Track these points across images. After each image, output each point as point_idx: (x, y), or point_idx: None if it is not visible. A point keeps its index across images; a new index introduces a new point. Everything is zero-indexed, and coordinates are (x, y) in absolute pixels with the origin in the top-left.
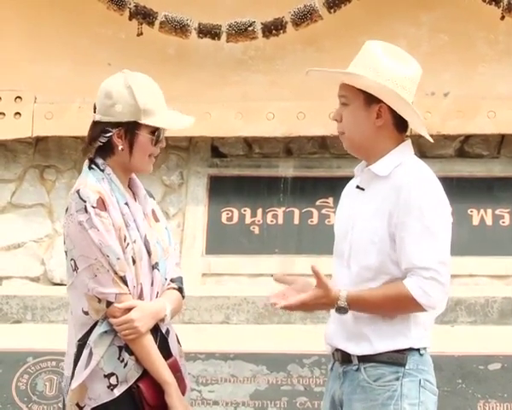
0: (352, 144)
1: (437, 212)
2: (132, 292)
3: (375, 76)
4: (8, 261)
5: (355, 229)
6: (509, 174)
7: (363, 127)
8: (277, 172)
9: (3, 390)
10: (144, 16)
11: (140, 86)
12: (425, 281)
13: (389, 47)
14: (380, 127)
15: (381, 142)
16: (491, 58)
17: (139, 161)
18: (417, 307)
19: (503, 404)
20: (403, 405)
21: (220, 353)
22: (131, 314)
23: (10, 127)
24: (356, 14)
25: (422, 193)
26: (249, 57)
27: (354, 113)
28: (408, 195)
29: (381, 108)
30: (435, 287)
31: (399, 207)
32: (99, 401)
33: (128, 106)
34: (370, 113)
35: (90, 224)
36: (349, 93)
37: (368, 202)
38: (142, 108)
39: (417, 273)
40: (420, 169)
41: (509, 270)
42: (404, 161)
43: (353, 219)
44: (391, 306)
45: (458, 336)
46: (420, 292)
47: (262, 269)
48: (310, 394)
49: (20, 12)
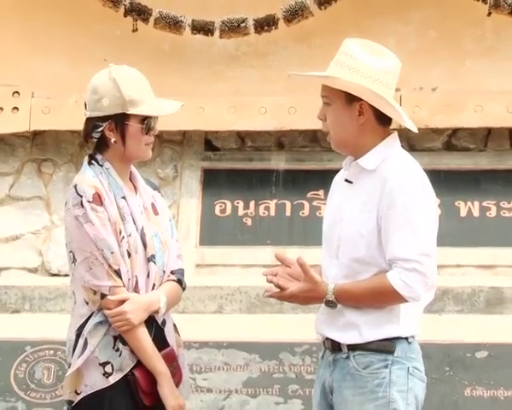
0: (338, 143)
1: (421, 204)
2: (127, 284)
3: (353, 75)
4: (6, 253)
5: (344, 221)
6: (496, 167)
7: (346, 125)
8: (269, 165)
9: (2, 379)
10: (139, 13)
11: (124, 78)
12: (406, 273)
13: (367, 43)
14: (363, 124)
15: (366, 137)
16: (478, 54)
17: (134, 150)
18: (400, 299)
19: (489, 391)
20: (391, 392)
21: (214, 342)
22: (124, 307)
23: (8, 122)
24: (346, 11)
25: (406, 186)
26: (242, 53)
27: (336, 112)
28: (392, 188)
29: (362, 105)
30: (416, 278)
31: (384, 199)
32: (95, 387)
33: (114, 98)
34: (352, 111)
35: (85, 218)
36: (330, 93)
37: (356, 196)
38: (128, 99)
39: (399, 265)
40: (405, 162)
41: (496, 260)
42: (390, 154)
43: (342, 211)
44: (375, 298)
45: (446, 325)
46: (401, 284)
47: (254, 260)
48: (301, 381)
49: (17, 8)
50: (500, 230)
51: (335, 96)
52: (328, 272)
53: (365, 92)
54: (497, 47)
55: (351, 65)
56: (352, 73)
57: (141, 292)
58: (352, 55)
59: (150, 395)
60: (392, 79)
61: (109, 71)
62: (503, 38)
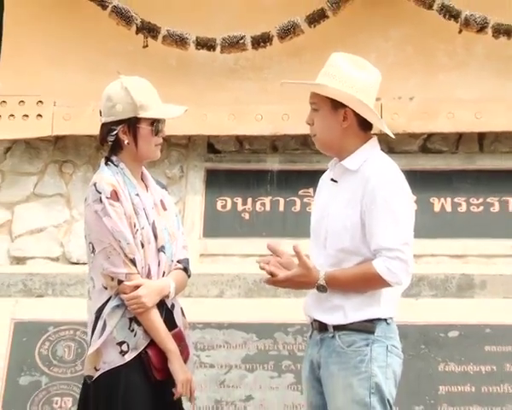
0: (323, 144)
1: (399, 200)
2: (141, 272)
3: (339, 84)
4: (31, 244)
5: (330, 216)
6: (466, 167)
7: (331, 129)
8: (265, 166)
9: (28, 356)
10: (149, 31)
11: (134, 87)
12: (390, 260)
13: (351, 57)
14: (346, 128)
15: (349, 140)
16: (450, 67)
17: (145, 150)
18: (384, 284)
19: (460, 366)
20: (372, 367)
21: (216, 323)
22: (139, 291)
23: (33, 127)
24: (333, 29)
25: (386, 184)
26: (240, 66)
27: (323, 117)
28: (374, 186)
29: (346, 111)
30: (399, 265)
31: (367, 196)
32: (112, 364)
33: (127, 104)
34: (337, 116)
35: (104, 212)
36: (318, 100)
37: (341, 193)
38: (139, 104)
39: (383, 254)
40: (384, 163)
41: (466, 250)
42: (370, 156)
43: (328, 207)
44: (362, 283)
45: (422, 308)
46: (386, 271)
47: (251, 250)
48: (293, 358)
49: (42, 28)
50: (470, 223)
51: (323, 102)
52: (316, 261)
53: (350, 100)
54: (467, 61)
55: (337, 76)
56: (339, 83)
57: (153, 279)
58: (339, 68)
59: (161, 370)
60: (373, 89)
61: (121, 81)
62: (473, 53)
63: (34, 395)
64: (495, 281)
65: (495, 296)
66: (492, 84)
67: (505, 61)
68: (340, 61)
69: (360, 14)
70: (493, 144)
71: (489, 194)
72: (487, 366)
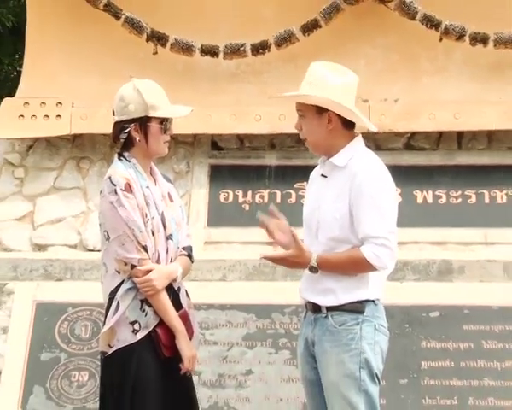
0: (314, 147)
1: (384, 193)
2: (151, 258)
3: (320, 91)
4: (51, 233)
5: (321, 209)
6: (446, 163)
7: (318, 132)
8: (263, 161)
9: (48, 334)
10: (158, 39)
11: (145, 88)
12: (377, 247)
13: (329, 64)
14: (331, 130)
15: (335, 140)
16: (431, 72)
17: (155, 147)
18: (371, 268)
19: (440, 343)
20: (362, 344)
21: (219, 304)
22: (150, 275)
23: (53, 127)
24: (325, 38)
25: (372, 179)
26: (241, 71)
27: (310, 122)
28: (361, 181)
29: (330, 115)
30: (385, 251)
31: (354, 191)
32: (125, 342)
33: (138, 104)
34: (322, 120)
35: (118, 203)
36: (303, 107)
37: (330, 188)
38: (149, 104)
39: (370, 241)
40: (370, 160)
41: (446, 238)
42: (356, 153)
43: (319, 200)
44: (350, 267)
45: (406, 291)
46: (373, 256)
47: (251, 238)
48: (289, 336)
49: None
50: (449, 214)
51: (308, 109)
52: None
53: (331, 104)
54: (447, 66)
55: (318, 84)
56: (320, 90)
57: (162, 264)
58: (318, 76)
59: (169, 347)
60: (352, 91)
61: (133, 83)
62: (452, 59)
63: (54, 369)
64: (472, 266)
65: (472, 280)
66: (470, 87)
67: (481, 66)
68: (319, 69)
69: (350, 24)
70: (470, 142)
71: (466, 187)
72: (465, 343)
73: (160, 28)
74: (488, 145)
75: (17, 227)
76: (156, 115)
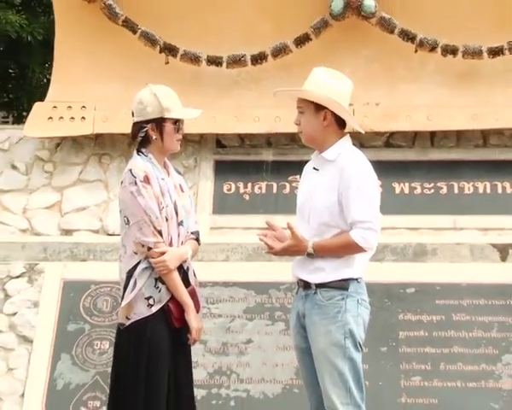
0: (308, 139)
1: (368, 183)
2: (165, 241)
3: (320, 91)
4: (77, 219)
5: (313, 198)
6: (420, 159)
7: (314, 127)
8: (261, 157)
9: (74, 307)
10: (170, 50)
11: (161, 93)
12: (364, 231)
13: (329, 71)
14: (326, 126)
15: (328, 136)
16: (407, 80)
17: (169, 144)
18: (360, 250)
19: (416, 316)
20: (347, 317)
21: (222, 282)
22: (164, 256)
23: (78, 127)
24: (315, 49)
25: (358, 172)
26: (242, 79)
27: (308, 118)
28: (349, 174)
29: (326, 113)
30: (371, 234)
31: (343, 182)
32: (141, 315)
33: (155, 107)
34: (319, 117)
35: (138, 193)
36: (303, 104)
37: (321, 179)
38: (165, 107)
39: (358, 226)
40: (356, 156)
41: (420, 224)
42: (344, 149)
43: (311, 191)
44: (342, 250)
45: (385, 270)
46: (361, 239)
47: (251, 224)
48: (284, 309)
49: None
50: (423, 203)
51: (307, 106)
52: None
53: (329, 102)
54: (422, 75)
55: (318, 84)
56: (320, 90)
57: (174, 247)
58: (319, 79)
59: (179, 320)
60: (347, 94)
61: (150, 88)
62: (426, 68)
63: (79, 339)
64: (443, 249)
65: (443, 261)
66: (441, 93)
67: (451, 74)
68: (320, 73)
69: (337, 37)
70: (442, 141)
71: (438, 180)
72: (437, 315)
73: (172, 41)
74: (457, 143)
75: (47, 215)
76: (170, 117)
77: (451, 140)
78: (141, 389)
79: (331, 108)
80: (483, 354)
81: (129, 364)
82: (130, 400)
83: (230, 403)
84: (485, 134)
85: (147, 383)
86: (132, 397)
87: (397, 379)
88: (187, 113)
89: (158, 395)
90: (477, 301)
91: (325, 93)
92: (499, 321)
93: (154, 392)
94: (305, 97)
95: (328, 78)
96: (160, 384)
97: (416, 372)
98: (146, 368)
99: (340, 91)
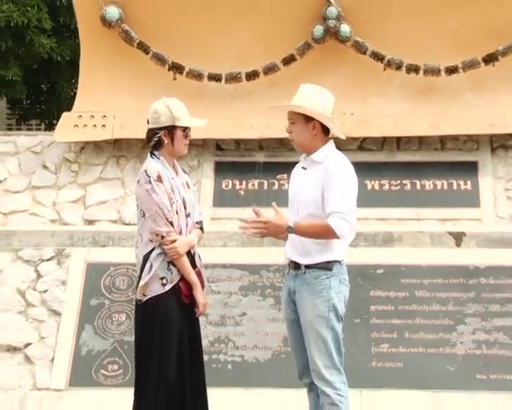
0: (299, 145)
1: (348, 181)
2: (176, 230)
3: (309, 105)
4: (98, 211)
5: (301, 193)
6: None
7: (305, 136)
8: (254, 159)
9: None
10: (177, 69)
11: (173, 104)
12: (339, 219)
13: (314, 87)
14: (315, 135)
15: (316, 142)
16: (377, 93)
17: (178, 148)
18: (334, 236)
19: (384, 292)
20: (331, 293)
21: (221, 264)
22: (175, 243)
23: (99, 133)
24: (300, 68)
25: (340, 171)
26: (238, 93)
27: (299, 128)
28: (331, 172)
29: (315, 123)
30: (345, 224)
31: (326, 179)
32: (156, 292)
33: (167, 116)
34: (308, 127)
35: (152, 190)
36: (294, 116)
37: (309, 178)
38: (176, 116)
39: (335, 215)
40: (340, 158)
41: (388, 215)
42: (329, 152)
43: (300, 187)
44: (318, 231)
45: (359, 254)
46: (337, 226)
47: (245, 215)
48: (273, 287)
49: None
50: (391, 198)
51: (298, 118)
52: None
53: (318, 115)
54: (389, 89)
55: (306, 99)
56: (309, 104)
57: (183, 235)
58: (307, 94)
59: (188, 296)
60: (330, 106)
61: (163, 100)
62: (393, 84)
63: (100, 312)
64: (407, 236)
65: (407, 246)
66: (406, 105)
67: (414, 89)
68: (307, 89)
69: (318, 58)
70: (406, 145)
71: (403, 178)
72: (402, 292)
73: (178, 61)
74: (419, 147)
75: (73, 207)
76: (180, 125)
77: (414, 144)
78: (155, 351)
79: (320, 119)
80: (441, 325)
81: (145, 332)
82: (147, 359)
83: (228, 367)
84: (443, 139)
85: (160, 346)
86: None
87: (368, 346)
88: (194, 121)
89: (169, 356)
90: (436, 280)
91: (314, 107)
92: (454, 297)
93: (166, 354)
94: (299, 111)
95: (315, 93)
96: (171, 348)
97: (384, 340)
98: (160, 335)
99: (325, 104)
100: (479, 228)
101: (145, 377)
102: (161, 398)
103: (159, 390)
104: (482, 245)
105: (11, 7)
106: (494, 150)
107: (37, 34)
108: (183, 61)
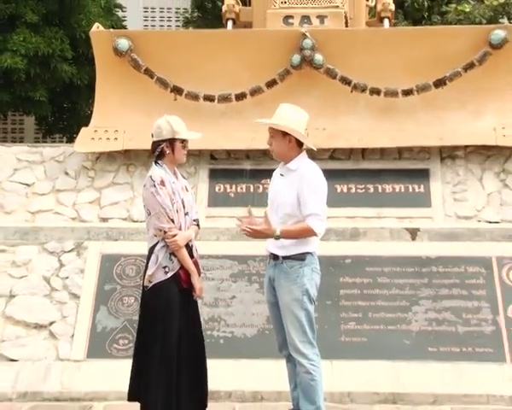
0: (278, 155)
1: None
2: (176, 226)
3: (286, 122)
4: (111, 210)
5: (279, 196)
6: (355, 168)
7: (282, 147)
8: (242, 166)
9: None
10: (177, 91)
11: (173, 121)
12: (317, 220)
13: (291, 106)
14: (290, 147)
15: (291, 153)
16: (346, 112)
17: (178, 157)
18: (314, 234)
19: (351, 279)
20: (304, 280)
21: (215, 255)
22: (176, 237)
23: (112, 145)
24: (281, 90)
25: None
26: (229, 111)
27: (277, 141)
28: (305, 178)
29: (291, 138)
30: (321, 223)
31: (301, 184)
32: (160, 279)
33: (168, 131)
34: (285, 140)
35: (156, 193)
36: (274, 131)
37: (285, 183)
38: (175, 130)
39: (313, 217)
40: (312, 166)
41: (355, 214)
42: (303, 162)
43: (278, 191)
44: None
45: (330, 246)
46: (317, 227)
47: (235, 214)
48: (258, 275)
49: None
50: (357, 199)
51: (276, 133)
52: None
53: (292, 131)
54: (355, 109)
55: (284, 117)
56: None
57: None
58: (285, 113)
59: (187, 282)
60: (304, 124)
61: (165, 117)
62: (359, 104)
63: (112, 295)
64: (371, 231)
65: (371, 240)
66: (369, 121)
67: (376, 108)
68: (285, 108)
69: (296, 82)
70: (370, 155)
71: (367, 183)
72: (366, 278)
73: (178, 84)
74: (381, 157)
75: (90, 207)
76: (179, 137)
77: (376, 154)
78: (159, 328)
79: (295, 135)
80: (398, 306)
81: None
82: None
83: (220, 341)
84: (400, 150)
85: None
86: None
87: (338, 324)
88: (191, 135)
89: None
90: (395, 269)
91: (289, 124)
92: (410, 283)
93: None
94: (277, 128)
95: (291, 112)
96: (172, 326)
97: (351, 319)
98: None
99: (299, 122)
100: (430, 224)
101: (149, 343)
102: (164, 358)
103: (162, 353)
104: (433, 239)
105: (38, 39)
106: (443, 160)
107: (60, 62)
108: (182, 85)
